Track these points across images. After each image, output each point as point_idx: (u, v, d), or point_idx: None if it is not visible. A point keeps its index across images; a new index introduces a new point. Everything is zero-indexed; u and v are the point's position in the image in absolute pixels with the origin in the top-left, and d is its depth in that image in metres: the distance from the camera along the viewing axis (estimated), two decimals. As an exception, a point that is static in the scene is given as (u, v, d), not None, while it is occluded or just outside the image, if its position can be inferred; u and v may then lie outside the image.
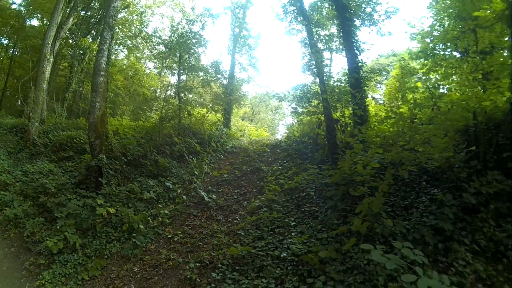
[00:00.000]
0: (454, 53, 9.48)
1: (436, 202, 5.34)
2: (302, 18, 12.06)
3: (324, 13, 13.42)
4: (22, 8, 19.68)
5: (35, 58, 17.57)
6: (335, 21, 12.50)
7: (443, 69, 8.93)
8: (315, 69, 11.42)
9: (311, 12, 13.04)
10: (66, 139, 12.41)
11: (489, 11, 6.78)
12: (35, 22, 21.07)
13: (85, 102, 19.53)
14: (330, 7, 12.71)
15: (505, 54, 7.21)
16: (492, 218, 4.61)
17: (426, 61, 10.20)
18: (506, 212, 4.56)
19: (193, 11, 24.81)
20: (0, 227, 7.87)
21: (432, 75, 9.20)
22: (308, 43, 11.69)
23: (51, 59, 14.54)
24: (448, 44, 9.11)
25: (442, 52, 9.37)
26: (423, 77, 9.42)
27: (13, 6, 19.53)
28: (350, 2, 11.52)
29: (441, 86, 7.56)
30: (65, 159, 11.48)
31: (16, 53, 20.37)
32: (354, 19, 11.55)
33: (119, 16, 19.08)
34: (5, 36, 19.57)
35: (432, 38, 9.89)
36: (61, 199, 8.48)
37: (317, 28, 13.17)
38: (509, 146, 5.00)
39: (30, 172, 10.18)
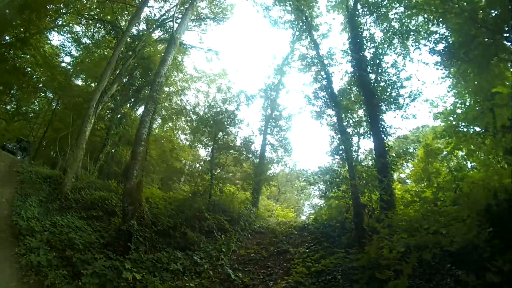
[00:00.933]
0: (477, 128, 9.80)
1: (461, 283, 5.21)
2: (332, 104, 13.15)
3: (352, 97, 14.23)
4: (69, 67, 22.20)
5: (75, 115, 19.28)
6: (362, 106, 13.25)
7: (467, 147, 9.27)
8: (343, 154, 12.15)
9: (340, 98, 13.82)
10: (98, 199, 12.81)
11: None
12: (79, 82, 23.20)
13: (117, 165, 20.90)
14: (358, 92, 13.58)
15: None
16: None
17: (450, 139, 10.57)
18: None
19: (229, 90, 27.55)
20: (21, 272, 7.83)
21: (457, 153, 9.51)
22: (337, 128, 12.61)
23: (92, 121, 15.59)
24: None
25: (465, 129, 9.77)
26: (448, 156, 9.71)
27: (63, 64, 22.01)
28: (377, 88, 12.50)
29: (467, 163, 7.84)
30: (94, 218, 11.73)
31: (58, 107, 21.97)
32: (380, 103, 12.29)
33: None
34: (50, 90, 21.38)
35: (455, 116, 10.44)
36: (88, 256, 8.66)
37: (345, 113, 13.78)
38: None
39: (59, 224, 10.29)
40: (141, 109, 25.11)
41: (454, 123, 9.87)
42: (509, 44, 6.99)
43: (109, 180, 16.50)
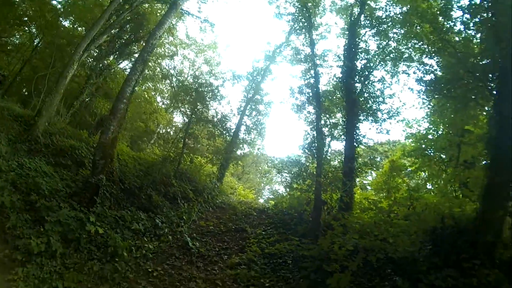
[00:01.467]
0: (443, 156, 10.88)
1: (396, 288, 6.11)
2: (314, 102, 13.59)
3: (335, 100, 14.75)
4: (60, 6, 20.51)
5: (57, 56, 18.36)
6: (342, 111, 13.89)
7: (430, 170, 10.32)
8: (315, 151, 12.81)
9: (323, 98, 14.27)
10: (68, 147, 12.46)
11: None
12: (66, 23, 21.45)
13: (90, 115, 20.19)
14: (341, 97, 14.11)
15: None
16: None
17: (416, 160, 11.62)
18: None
19: (218, 66, 27.29)
20: (-18, 210, 7.52)
21: (419, 174, 10.55)
22: (315, 126, 13.20)
23: (75, 67, 14.98)
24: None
25: (432, 154, 10.81)
26: (410, 174, 10.71)
27: (53, 2, 20.20)
28: (360, 98, 13.07)
29: (426, 184, 8.78)
30: (62, 166, 11.44)
31: (40, 45, 20.34)
32: (360, 113, 12.94)
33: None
34: (35, 26, 19.79)
35: (425, 140, 11.46)
36: (53, 204, 8.58)
37: (325, 114, 14.27)
38: (469, 249, 5.94)
39: (26, 167, 9.93)
40: (124, 63, 24.18)
41: (423, 146, 10.81)
42: (488, 93, 7.77)
43: (80, 129, 15.94)
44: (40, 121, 12.86)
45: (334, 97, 14.80)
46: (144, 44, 14.98)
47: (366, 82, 13.45)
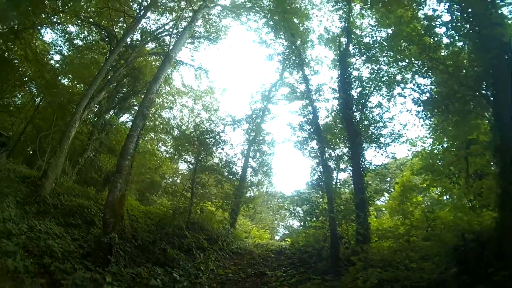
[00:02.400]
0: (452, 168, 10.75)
1: (429, 316, 5.90)
2: (316, 137, 13.65)
3: (336, 133, 14.78)
4: (58, 66, 21.61)
5: (58, 115, 18.82)
6: (345, 142, 13.84)
7: (442, 185, 10.16)
8: (324, 187, 12.82)
9: (324, 132, 14.23)
10: (77, 206, 12.51)
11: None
12: (65, 81, 22.42)
13: (96, 172, 20.42)
14: (342, 128, 14.13)
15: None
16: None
17: (426, 177, 11.50)
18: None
19: (216, 112, 27.74)
20: (-3, 276, 7.45)
21: (432, 190, 10.35)
22: (320, 162, 13.28)
23: (77, 125, 15.37)
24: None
25: (441, 168, 10.69)
26: (423, 192, 10.50)
27: (51, 62, 21.47)
28: (361, 126, 13.12)
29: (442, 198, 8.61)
30: (73, 226, 11.48)
31: (41, 104, 21.23)
32: (363, 141, 12.90)
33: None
34: (36, 86, 20.58)
35: (432, 156, 11.38)
36: (67, 266, 8.46)
37: (328, 147, 14.28)
38: (495, 261, 5.77)
39: (36, 229, 9.94)
40: (124, 117, 25.07)
41: (431, 161, 10.78)
42: (484, 101, 7.98)
43: (87, 186, 16.15)
44: (47, 181, 13.08)
45: (335, 129, 14.90)
46: (142, 97, 15.56)
47: (364, 110, 13.57)
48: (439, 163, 10.47)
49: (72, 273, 8.25)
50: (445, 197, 9.72)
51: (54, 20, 19.84)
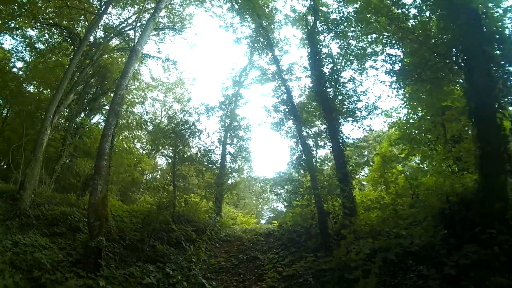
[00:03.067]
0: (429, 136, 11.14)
1: (422, 277, 6.15)
2: (292, 117, 13.73)
3: (312, 111, 14.97)
4: (21, 73, 20.69)
5: (28, 124, 18.05)
6: (322, 120, 14.01)
7: (421, 153, 10.54)
8: (305, 165, 12.98)
9: (300, 111, 14.37)
10: (59, 214, 12.23)
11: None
12: (31, 88, 21.58)
13: (74, 177, 19.71)
14: (317, 106, 14.27)
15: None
16: (473, 285, 5.45)
17: (404, 146, 11.88)
18: (484, 277, 5.42)
19: (189, 102, 27.41)
20: (-15, 297, 7.27)
21: (411, 159, 10.70)
22: (299, 140, 13.37)
23: (48, 132, 14.91)
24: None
25: (418, 136, 11.05)
26: (403, 162, 10.84)
27: (14, 70, 20.41)
28: (335, 101, 13.31)
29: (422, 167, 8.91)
30: (58, 235, 11.25)
31: (9, 115, 20.60)
32: (339, 116, 13.15)
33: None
34: (1, 97, 19.88)
35: (408, 125, 11.69)
36: (58, 276, 8.26)
37: (305, 126, 14.45)
38: (481, 220, 6.08)
39: (21, 243, 9.67)
40: (97, 118, 24.10)
41: (407, 131, 11.10)
42: (456, 67, 8.21)
43: (66, 192, 15.61)
44: (25, 193, 12.68)
45: (310, 107, 15.11)
46: (112, 95, 15.02)
47: (337, 85, 13.71)
48: (416, 132, 10.77)
49: (64, 282, 8.05)
50: (425, 165, 10.08)
51: (12, 25, 18.56)
